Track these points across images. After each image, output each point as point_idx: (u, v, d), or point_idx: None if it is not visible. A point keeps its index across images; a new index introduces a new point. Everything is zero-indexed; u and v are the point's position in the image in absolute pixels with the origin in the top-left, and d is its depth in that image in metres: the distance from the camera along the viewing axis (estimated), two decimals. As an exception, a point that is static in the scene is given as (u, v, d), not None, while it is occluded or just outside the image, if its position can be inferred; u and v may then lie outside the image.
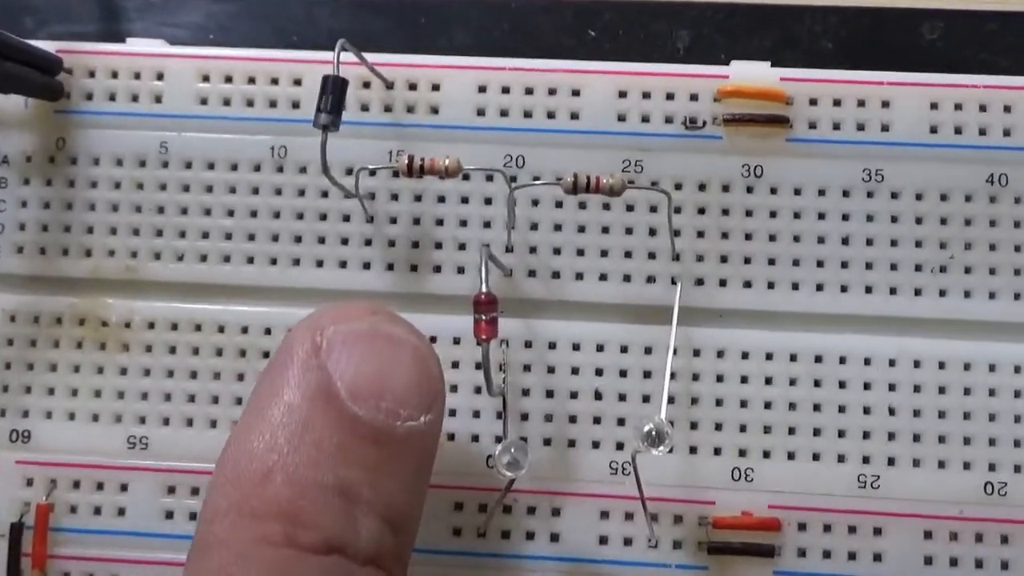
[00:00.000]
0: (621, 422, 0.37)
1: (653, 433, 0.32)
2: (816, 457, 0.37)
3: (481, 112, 0.38)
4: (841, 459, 0.37)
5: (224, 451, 0.30)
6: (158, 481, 0.37)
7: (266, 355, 0.38)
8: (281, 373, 0.29)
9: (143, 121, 0.39)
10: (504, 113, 0.38)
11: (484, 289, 0.32)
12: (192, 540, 0.29)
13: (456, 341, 0.37)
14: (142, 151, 0.39)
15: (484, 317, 0.32)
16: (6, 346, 0.38)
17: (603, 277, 0.38)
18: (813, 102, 0.38)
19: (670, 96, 0.38)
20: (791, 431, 0.37)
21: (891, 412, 0.37)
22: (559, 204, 0.38)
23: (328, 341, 0.29)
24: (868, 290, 0.37)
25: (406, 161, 0.34)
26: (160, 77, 0.39)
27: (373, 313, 0.31)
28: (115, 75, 0.39)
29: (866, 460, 0.36)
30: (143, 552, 0.37)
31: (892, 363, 0.37)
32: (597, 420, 0.37)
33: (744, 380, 0.37)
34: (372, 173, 0.38)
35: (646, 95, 0.38)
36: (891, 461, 0.36)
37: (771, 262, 0.37)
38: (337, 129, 0.34)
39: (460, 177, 0.37)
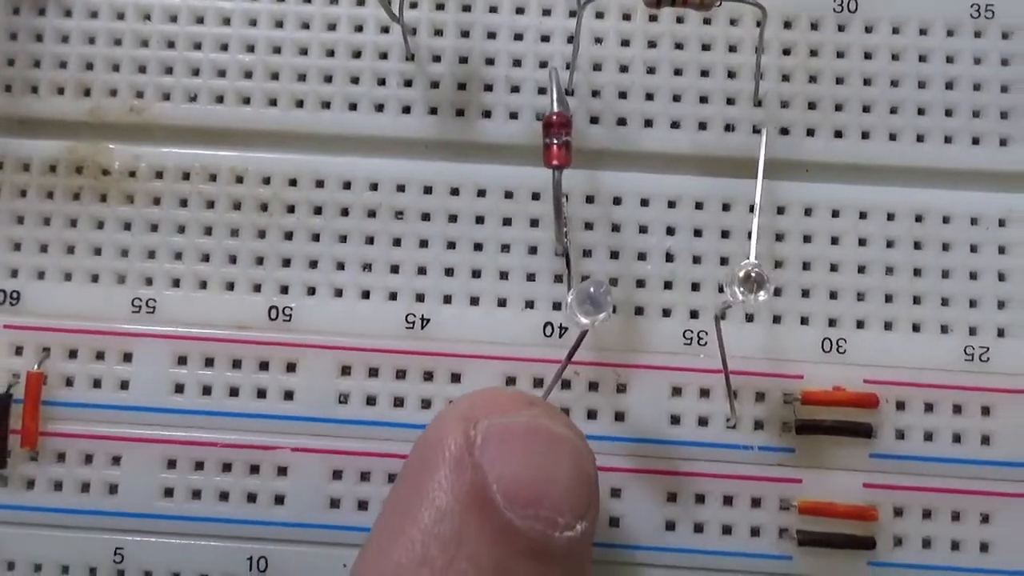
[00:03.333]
0: (696, 287, 0.33)
1: (752, 275, 0.28)
2: (916, 327, 0.33)
3: (538, -64, 0.34)
4: (945, 330, 0.33)
5: (363, 557, 0.27)
6: (167, 349, 0.33)
7: (290, 209, 0.33)
8: (430, 470, 0.26)
9: (151, -58, 0.34)
10: (564, -62, 0.34)
11: (556, 108, 0.28)
12: None
13: (508, 195, 0.33)
14: (150, -24, 0.34)
15: (556, 140, 0.28)
16: (-8, 196, 0.34)
17: (675, 124, 0.34)
18: (915, -74, 0.34)
19: (753, -81, 0.34)
20: (888, 298, 0.33)
21: (1001, 278, 0.33)
22: (625, 42, 0.34)
23: (483, 436, 0.27)
24: (975, 141, 0.33)
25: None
26: None
27: (530, 404, 0.28)
28: None
29: (973, 331, 0.33)
30: (149, 429, 0.33)
31: (1002, 223, 0.33)
32: (668, 285, 0.33)
33: (835, 241, 0.33)
34: (413, 4, 0.34)
35: (726, -82, 0.34)
36: (1001, 332, 0.33)
37: (865, 109, 0.33)
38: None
39: (513, 11, 0.34)
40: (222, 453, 0.32)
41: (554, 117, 0.28)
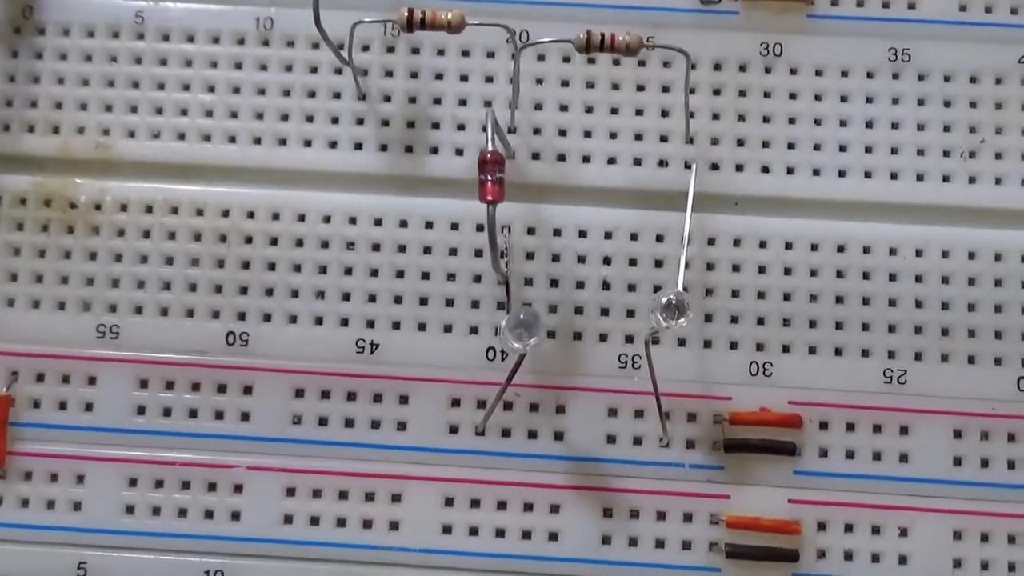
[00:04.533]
0: (631, 313, 0.35)
1: (673, 302, 0.29)
2: (839, 352, 0.35)
3: (482, -17, 0.36)
4: (865, 354, 0.34)
5: None
6: (130, 373, 0.34)
7: (248, 240, 0.35)
8: None
9: (118, -11, 0.36)
10: (508, -15, 0.36)
11: (491, 147, 0.30)
12: None
13: (454, 227, 0.35)
14: (116, 21, 0.36)
15: (491, 177, 0.29)
16: (-35, 228, 0.35)
17: (612, 160, 0.36)
18: (836, -23, 0.36)
19: (684, -32, 0.36)
20: (812, 324, 0.35)
21: (918, 304, 0.35)
22: (565, 83, 0.36)
23: None
24: (893, 176, 0.35)
25: (405, 13, 0.31)
26: (136, -57, 0.36)
27: None
28: (88, -59, 0.36)
29: (892, 355, 0.34)
30: (112, 449, 0.34)
31: (919, 253, 0.35)
32: (605, 311, 0.35)
33: (762, 270, 0.35)
34: (365, 47, 0.36)
35: (659, -33, 0.36)
36: (918, 356, 0.34)
37: (791, 146, 0.36)
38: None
39: (459, 53, 0.36)
40: (181, 471, 0.34)
41: (488, 155, 0.30)
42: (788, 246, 0.35)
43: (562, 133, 0.35)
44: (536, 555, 0.34)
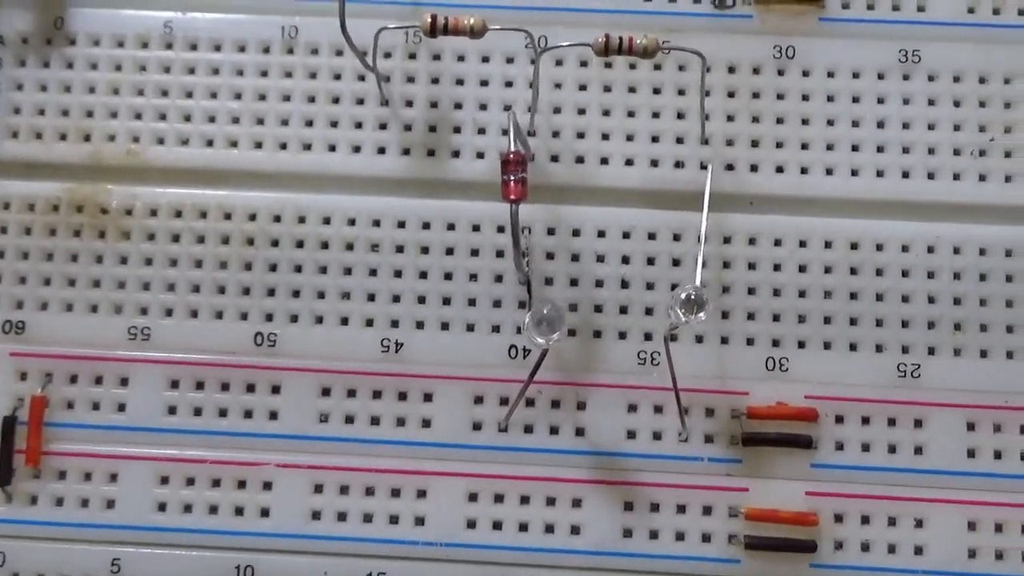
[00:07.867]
0: (649, 311, 0.35)
1: (692, 297, 0.30)
2: (853, 347, 0.35)
3: (502, -9, 0.37)
4: (879, 348, 0.35)
5: None
6: (161, 374, 0.35)
7: (275, 243, 0.36)
8: None
9: (146, 0, 0.37)
10: (526, -8, 0.37)
11: (513, 148, 0.31)
12: None
13: (476, 228, 0.36)
14: (145, 31, 0.37)
15: (513, 177, 0.30)
16: (0, 234, 0.36)
17: (629, 162, 0.36)
18: (847, -19, 0.37)
19: (698, -26, 0.37)
20: (827, 320, 0.35)
21: (930, 300, 0.35)
22: (582, 87, 0.37)
23: None
24: (905, 175, 0.36)
25: (429, 19, 0.32)
26: (164, -44, 0.37)
27: None
28: (116, -46, 0.37)
29: (905, 350, 0.35)
30: (144, 448, 0.35)
31: (931, 249, 0.36)
32: (624, 309, 0.36)
33: (777, 267, 0.36)
34: (387, 54, 0.36)
35: (673, -27, 0.37)
36: (931, 350, 0.35)
37: (804, 146, 0.36)
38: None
39: (479, 59, 0.37)
40: (212, 470, 0.35)
41: (511, 156, 0.30)
42: (802, 244, 0.36)
43: (580, 136, 0.36)
44: (559, 548, 0.34)
